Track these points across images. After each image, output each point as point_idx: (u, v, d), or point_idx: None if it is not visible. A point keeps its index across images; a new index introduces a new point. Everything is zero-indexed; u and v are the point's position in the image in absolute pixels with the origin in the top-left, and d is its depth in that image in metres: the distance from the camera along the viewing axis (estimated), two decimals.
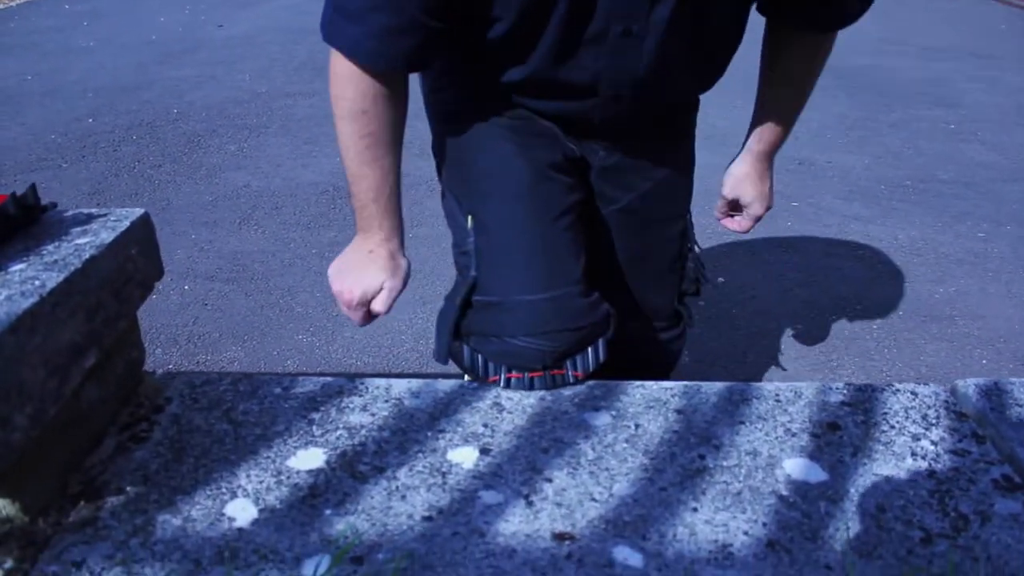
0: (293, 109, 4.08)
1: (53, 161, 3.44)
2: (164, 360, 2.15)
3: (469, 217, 1.14)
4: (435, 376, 1.08)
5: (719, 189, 1.32)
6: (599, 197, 1.25)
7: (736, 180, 1.30)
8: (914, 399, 1.03)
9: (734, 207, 1.34)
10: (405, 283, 1.15)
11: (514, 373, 1.02)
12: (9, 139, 3.67)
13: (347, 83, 1.03)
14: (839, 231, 2.88)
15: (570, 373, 1.03)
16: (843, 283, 2.54)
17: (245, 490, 0.86)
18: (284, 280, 2.51)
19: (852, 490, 0.87)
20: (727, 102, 2.38)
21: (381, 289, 1.12)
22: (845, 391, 1.04)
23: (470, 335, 1.09)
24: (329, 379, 1.05)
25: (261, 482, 0.88)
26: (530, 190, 1.12)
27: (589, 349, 1.06)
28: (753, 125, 1.27)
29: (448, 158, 1.19)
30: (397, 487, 0.86)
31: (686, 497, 0.85)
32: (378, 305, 1.13)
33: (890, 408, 1.01)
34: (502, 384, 1.02)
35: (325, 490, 0.86)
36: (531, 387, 1.02)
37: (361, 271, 1.12)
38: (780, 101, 1.25)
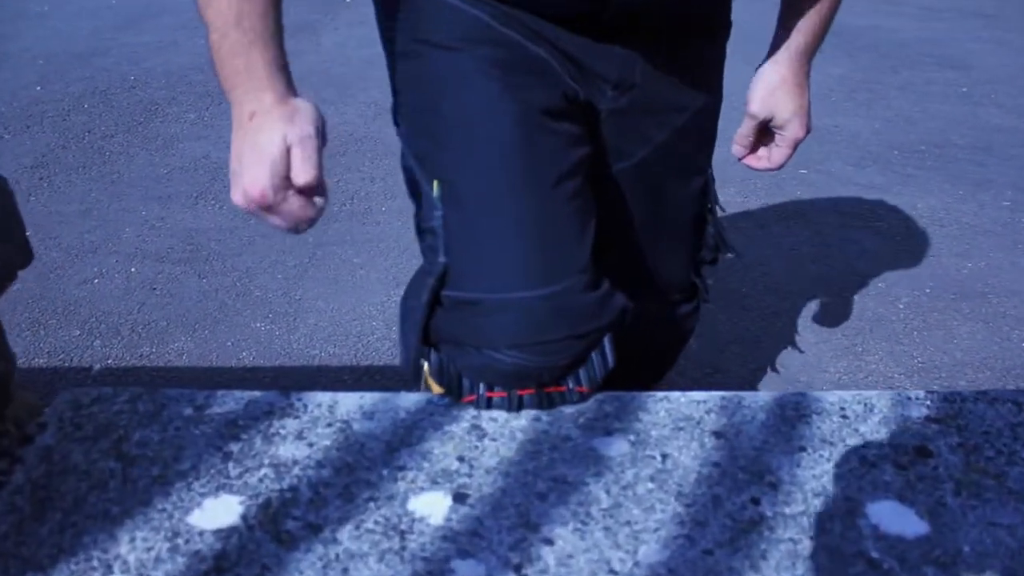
0: None
1: None
2: (103, 354, 1.89)
3: (435, 183, 0.86)
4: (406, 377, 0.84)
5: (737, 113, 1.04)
6: (608, 152, 0.99)
7: (768, 90, 0.99)
8: (1018, 412, 0.80)
9: (762, 134, 1.03)
10: (320, 129, 0.79)
11: (497, 391, 0.77)
12: None
13: None
14: (853, 201, 2.64)
15: (573, 390, 0.78)
16: (861, 258, 2.30)
17: (125, 563, 0.62)
18: (242, 260, 2.24)
19: (966, 547, 0.63)
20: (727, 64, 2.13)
21: (288, 151, 0.76)
22: (928, 403, 0.80)
23: (440, 342, 0.83)
24: (256, 395, 0.80)
25: (149, 549, 0.63)
26: (520, 145, 0.84)
27: (594, 355, 0.81)
28: (785, 15, 0.98)
29: (407, 103, 0.92)
30: (337, 555, 0.62)
31: (741, 564, 0.61)
32: (299, 175, 0.76)
33: (991, 425, 0.77)
34: (481, 404, 0.77)
35: (236, 561, 0.62)
36: (519, 407, 0.77)
37: (253, 148, 0.77)
38: None
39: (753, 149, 1.05)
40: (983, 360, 1.88)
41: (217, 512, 0.66)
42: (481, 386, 0.77)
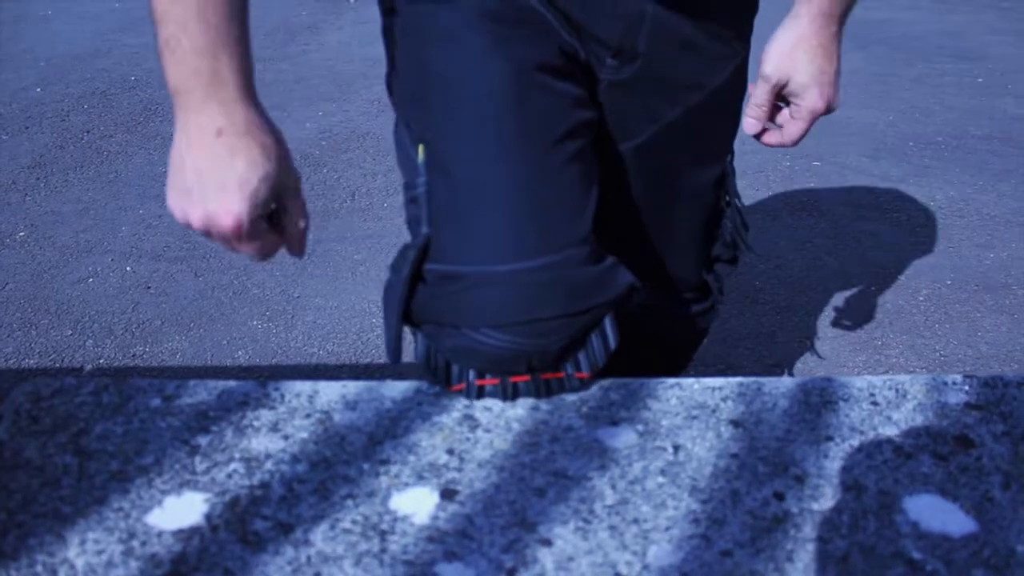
0: (262, 74, 3.71)
1: None
2: (95, 353, 1.83)
3: (420, 147, 0.78)
4: (410, 368, 0.77)
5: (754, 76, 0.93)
6: (610, 129, 0.91)
7: (784, 50, 0.84)
8: None
9: (777, 106, 0.90)
10: (283, 162, 0.70)
11: (488, 379, 0.70)
12: None
13: None
14: (868, 192, 2.56)
15: (572, 376, 0.71)
16: (879, 249, 2.22)
17: (72, 567, 0.55)
18: (239, 258, 2.18)
19: (1020, 547, 0.56)
20: None
21: (271, 185, 0.68)
22: (967, 387, 0.73)
23: (422, 323, 0.75)
24: (231, 384, 0.73)
25: (101, 551, 0.56)
26: (511, 103, 0.76)
27: (593, 337, 0.73)
28: None
29: (395, 65, 0.84)
30: (309, 558, 0.55)
31: (764, 567, 0.54)
32: (299, 219, 0.72)
33: None
34: (472, 393, 0.70)
35: (198, 565, 0.55)
36: (513, 395, 0.70)
37: (225, 171, 0.67)
38: None
39: (767, 121, 0.92)
40: (1008, 353, 1.80)
41: (179, 511, 0.59)
42: (471, 373, 0.70)
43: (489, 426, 0.67)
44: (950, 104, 3.35)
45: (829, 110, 0.88)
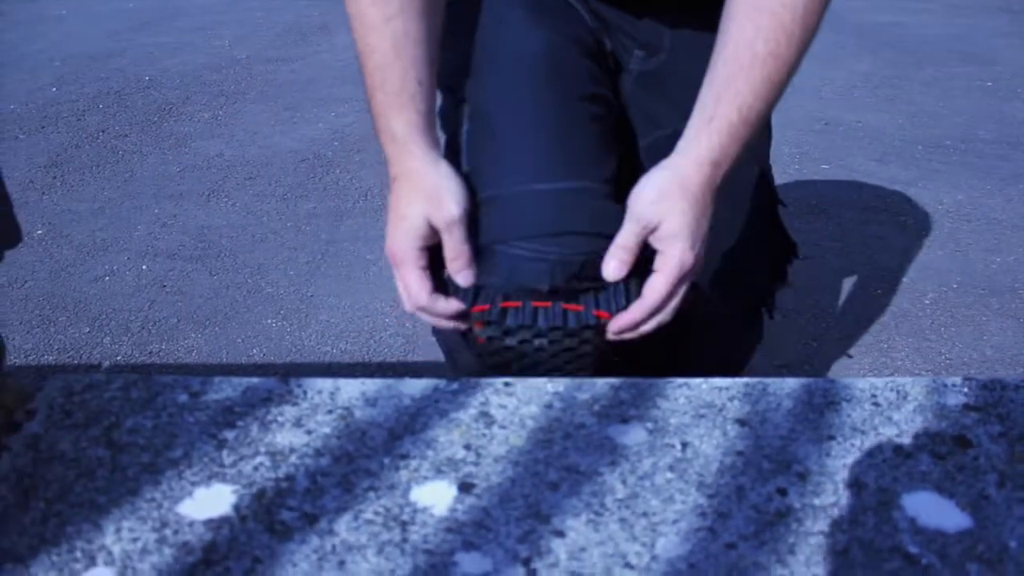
0: (274, 75, 3.77)
1: (10, 132, 3.15)
2: (113, 351, 1.86)
3: (464, 107, 0.86)
4: (422, 367, 0.80)
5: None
6: (639, 119, 0.93)
7: (664, 190, 0.77)
8: None
9: (644, 252, 0.81)
10: (462, 206, 0.77)
11: (511, 301, 0.73)
12: None
13: None
14: (876, 195, 2.58)
15: (591, 311, 0.74)
16: (885, 253, 2.25)
17: (109, 554, 0.58)
18: (254, 257, 2.22)
19: (1012, 543, 0.58)
20: None
21: (430, 227, 0.77)
22: (966, 389, 0.75)
23: None
24: (255, 381, 0.76)
25: (136, 539, 0.59)
26: (545, 65, 0.82)
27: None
28: (701, 101, 0.80)
29: (444, 44, 0.90)
30: (334, 547, 0.58)
31: (767, 559, 0.57)
32: (454, 262, 0.78)
33: None
34: (494, 316, 0.74)
35: (227, 553, 0.58)
36: (533, 321, 0.74)
37: (394, 212, 0.78)
38: (756, 46, 0.76)
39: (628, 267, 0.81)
40: (1013, 356, 1.82)
41: (209, 502, 0.62)
42: (498, 296, 0.74)
43: (504, 423, 0.70)
44: (959, 108, 3.36)
45: (692, 271, 0.79)
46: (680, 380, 0.75)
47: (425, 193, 0.77)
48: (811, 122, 3.15)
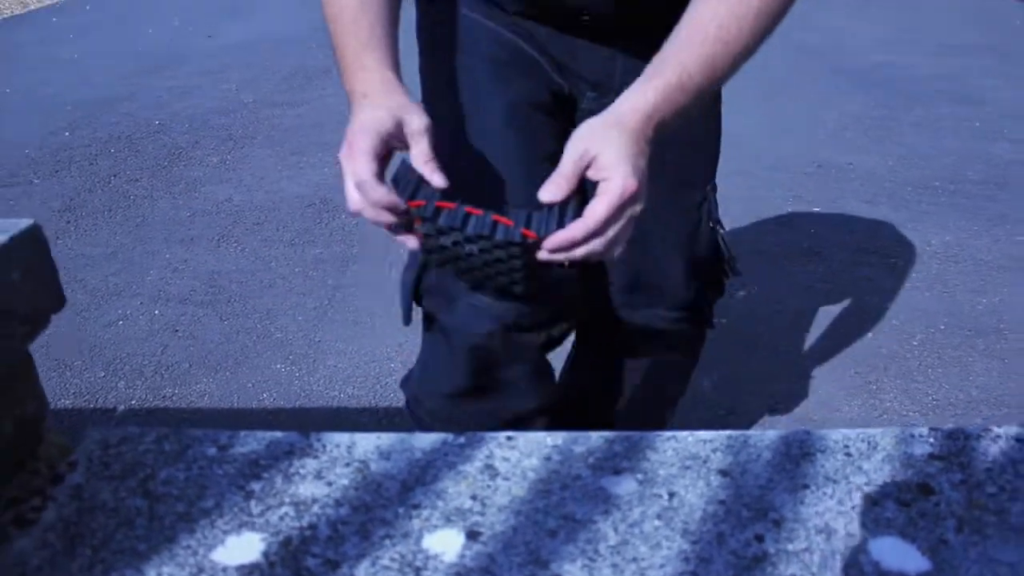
0: (280, 119, 3.87)
1: (24, 176, 3.24)
2: (127, 395, 1.93)
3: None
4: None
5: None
6: None
7: (596, 126, 0.83)
8: (1021, 448, 0.81)
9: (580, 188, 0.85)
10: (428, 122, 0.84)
11: (448, 203, 0.82)
12: None
13: None
14: (867, 237, 2.66)
15: (519, 229, 0.81)
16: (875, 294, 2.32)
17: None
18: (263, 302, 2.29)
19: None
20: (735, 100, 2.18)
21: (390, 130, 0.82)
22: (932, 440, 0.82)
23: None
24: (278, 435, 0.83)
25: None
26: (509, 126, 0.98)
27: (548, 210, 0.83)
28: (648, 68, 0.86)
29: (423, 95, 1.04)
30: None
31: None
32: (426, 165, 0.83)
33: (993, 461, 0.79)
34: (428, 213, 0.82)
35: None
36: (463, 226, 0.82)
37: (355, 120, 0.84)
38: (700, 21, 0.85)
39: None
40: (999, 397, 1.88)
41: (240, 549, 0.69)
42: (435, 196, 0.82)
43: (507, 475, 0.76)
44: (948, 148, 3.46)
45: (633, 200, 0.81)
46: (668, 433, 0.82)
47: (397, 102, 0.84)
48: (804, 164, 3.23)
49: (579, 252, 0.82)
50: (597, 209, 0.79)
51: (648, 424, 1.29)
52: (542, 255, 0.83)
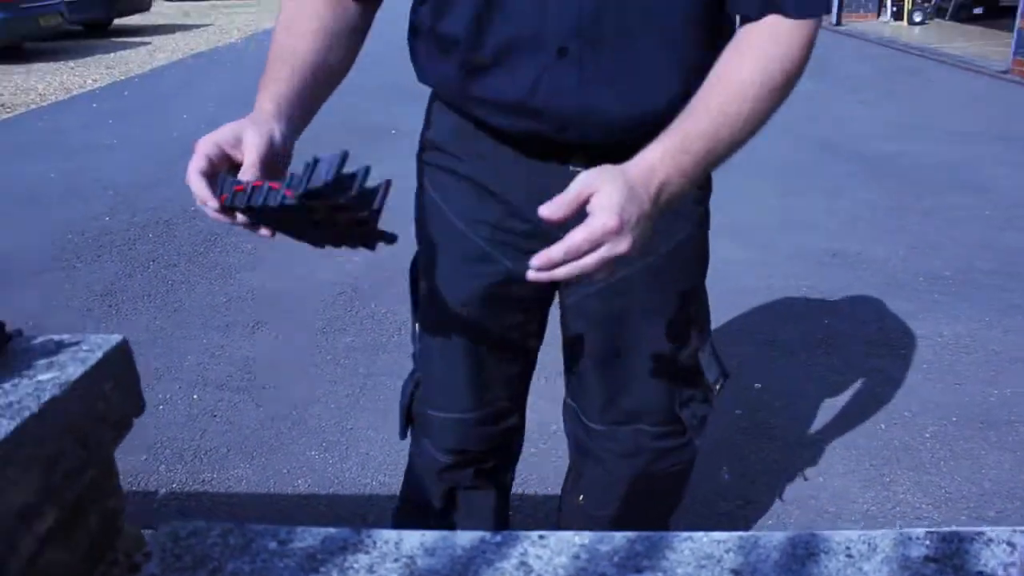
0: None
1: (68, 261, 3.39)
2: (168, 478, 2.02)
3: (416, 325, 1.29)
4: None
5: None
6: (569, 280, 0.98)
7: (605, 169, 0.88)
8: (1012, 552, 0.88)
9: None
10: (263, 148, 0.97)
11: (241, 187, 0.93)
12: (27, 239, 3.63)
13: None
14: (879, 328, 2.73)
15: (283, 191, 0.88)
16: (888, 385, 2.39)
17: None
18: (296, 390, 2.39)
19: None
20: (753, 191, 2.28)
21: (228, 140, 0.96)
22: (928, 542, 0.89)
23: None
24: (332, 531, 0.92)
25: None
26: (472, 314, 1.18)
27: None
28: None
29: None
30: None
31: None
32: (244, 170, 0.96)
33: (985, 565, 0.86)
34: (227, 201, 0.93)
35: None
36: (249, 199, 0.91)
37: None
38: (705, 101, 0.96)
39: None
40: (1011, 490, 1.93)
41: None
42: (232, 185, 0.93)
43: (541, 571, 0.84)
44: (958, 238, 3.54)
45: (614, 238, 0.85)
46: (685, 534, 0.90)
47: (249, 121, 0.98)
48: (819, 254, 3.33)
49: (557, 274, 0.87)
50: (575, 236, 0.84)
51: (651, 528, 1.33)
52: (530, 275, 0.88)
